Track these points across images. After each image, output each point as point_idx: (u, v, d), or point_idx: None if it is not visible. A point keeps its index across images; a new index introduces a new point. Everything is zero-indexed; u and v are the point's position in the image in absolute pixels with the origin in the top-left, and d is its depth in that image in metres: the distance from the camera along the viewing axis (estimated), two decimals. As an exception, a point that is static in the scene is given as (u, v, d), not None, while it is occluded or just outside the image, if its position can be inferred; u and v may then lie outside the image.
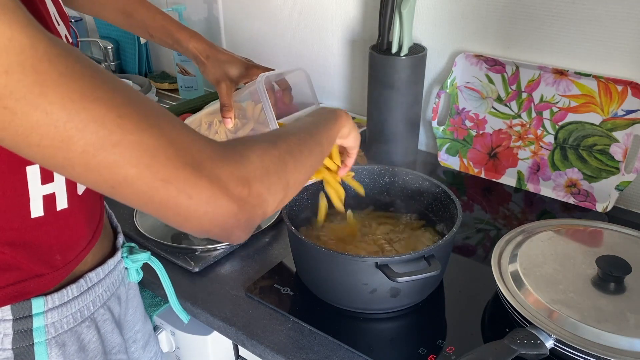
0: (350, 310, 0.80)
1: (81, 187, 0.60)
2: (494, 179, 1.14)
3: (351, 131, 0.72)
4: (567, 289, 0.73)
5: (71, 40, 0.60)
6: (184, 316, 0.80)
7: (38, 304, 0.57)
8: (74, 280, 0.62)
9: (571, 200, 1.06)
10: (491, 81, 1.10)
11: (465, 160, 1.17)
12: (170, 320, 0.89)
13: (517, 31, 1.06)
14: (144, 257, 0.73)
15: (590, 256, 0.77)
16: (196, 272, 0.88)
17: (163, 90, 1.63)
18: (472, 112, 1.14)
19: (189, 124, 0.93)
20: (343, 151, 0.78)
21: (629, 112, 0.97)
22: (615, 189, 1.00)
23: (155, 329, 0.91)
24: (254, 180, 0.48)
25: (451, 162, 1.19)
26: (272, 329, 0.77)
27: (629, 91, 0.96)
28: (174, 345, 0.91)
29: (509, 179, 1.13)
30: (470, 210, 1.06)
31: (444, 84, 1.14)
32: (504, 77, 1.08)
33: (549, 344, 0.67)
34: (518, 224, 0.89)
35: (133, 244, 0.74)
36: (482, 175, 1.16)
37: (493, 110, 1.12)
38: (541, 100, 1.05)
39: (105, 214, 0.72)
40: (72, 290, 0.61)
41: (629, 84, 0.95)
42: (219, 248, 0.92)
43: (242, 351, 0.90)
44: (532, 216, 1.05)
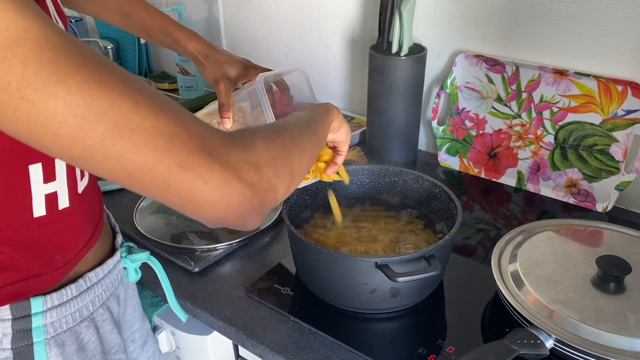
0: (350, 310, 0.80)
1: (81, 186, 0.60)
2: (494, 179, 1.14)
3: (342, 125, 0.73)
4: (567, 289, 0.73)
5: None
6: (182, 315, 0.80)
7: (37, 304, 0.57)
8: (73, 280, 0.62)
9: (571, 200, 1.06)
10: (491, 81, 1.10)
11: (465, 160, 1.17)
12: (170, 320, 0.89)
13: (517, 31, 1.06)
14: (143, 256, 0.73)
15: (590, 256, 0.77)
16: (196, 272, 0.88)
17: (163, 90, 1.63)
18: (472, 112, 1.14)
19: None
20: (333, 148, 0.79)
21: (629, 112, 0.97)
22: (615, 189, 1.00)
23: (155, 329, 0.91)
24: (263, 166, 0.49)
25: (451, 162, 1.19)
26: (272, 329, 0.77)
27: (629, 91, 0.96)
28: (174, 345, 0.91)
29: (509, 179, 1.13)
30: (470, 210, 1.06)
31: (444, 84, 1.14)
32: (504, 77, 1.08)
33: (549, 344, 0.67)
34: (518, 224, 0.89)
35: (132, 244, 0.74)
36: (482, 175, 1.16)
37: (493, 110, 1.12)
38: (541, 100, 1.05)
39: (104, 214, 0.72)
40: (71, 290, 0.61)
41: (629, 84, 0.95)
42: (218, 248, 0.92)
43: (242, 351, 0.90)
44: (532, 216, 1.05)
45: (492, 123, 1.12)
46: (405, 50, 1.09)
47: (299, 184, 0.60)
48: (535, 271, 0.76)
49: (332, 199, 0.88)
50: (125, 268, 0.73)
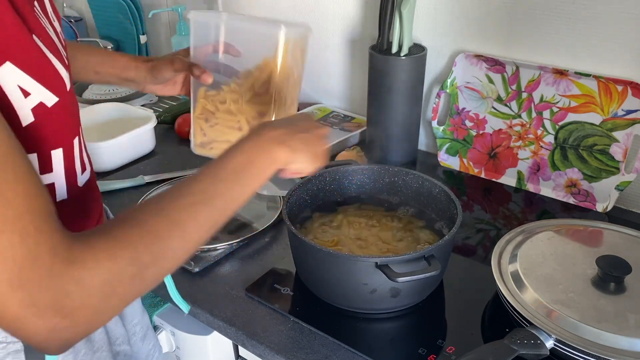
0: (351, 310, 0.80)
1: (82, 179, 0.60)
2: (494, 179, 1.14)
3: (295, 156, 0.61)
4: (567, 289, 0.73)
5: (63, 37, 0.59)
6: (184, 306, 0.80)
7: None
8: None
9: (571, 200, 1.06)
10: (491, 81, 1.10)
11: (465, 160, 1.17)
12: (170, 320, 0.89)
13: (517, 31, 1.06)
14: None
15: (590, 256, 0.77)
16: (196, 272, 0.88)
17: (163, 90, 1.63)
18: (472, 112, 1.14)
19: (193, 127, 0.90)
20: None
21: (629, 112, 0.97)
22: (615, 189, 1.00)
23: (155, 329, 0.91)
24: (80, 309, 0.43)
25: (451, 162, 1.19)
26: (272, 329, 0.77)
27: (629, 91, 0.96)
28: (174, 345, 0.91)
29: (509, 179, 1.13)
30: (470, 210, 1.06)
31: (444, 83, 1.14)
32: (504, 77, 1.08)
33: (549, 344, 0.67)
34: (518, 224, 0.89)
35: None
36: (482, 175, 1.16)
37: (493, 110, 1.12)
38: (541, 100, 1.05)
39: (104, 213, 0.72)
40: None
41: (629, 84, 0.95)
42: (218, 248, 0.92)
43: (242, 351, 0.90)
44: (532, 216, 1.05)
45: (492, 123, 1.12)
46: (405, 50, 1.09)
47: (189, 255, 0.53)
48: (535, 271, 0.76)
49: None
50: None
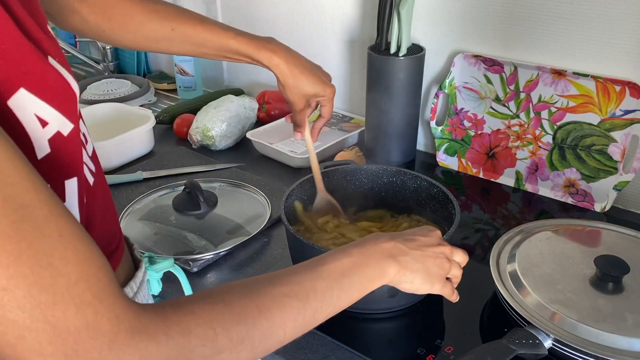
0: (349, 311, 0.79)
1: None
2: (492, 179, 1.14)
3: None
4: (565, 289, 0.73)
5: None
6: None
7: None
8: None
9: (569, 200, 1.06)
10: (489, 81, 1.10)
11: (463, 161, 1.18)
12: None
13: (516, 31, 1.06)
14: (167, 264, 0.70)
15: (589, 256, 0.77)
16: (195, 273, 0.88)
17: (161, 90, 1.63)
18: (471, 112, 1.14)
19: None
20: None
21: (627, 112, 0.97)
22: (613, 189, 1.00)
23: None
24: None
25: (449, 162, 1.19)
26: (271, 329, 0.77)
27: (627, 91, 0.96)
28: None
29: (507, 179, 1.13)
30: (469, 211, 1.06)
31: (443, 84, 1.14)
32: (502, 77, 1.08)
33: (548, 343, 0.67)
34: (516, 224, 0.89)
35: (152, 254, 0.72)
36: (481, 175, 1.16)
37: (491, 110, 1.12)
38: (539, 100, 1.05)
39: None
40: None
41: (627, 84, 0.95)
42: (217, 248, 0.92)
43: (241, 351, 0.90)
44: (531, 216, 1.05)
45: (491, 123, 1.12)
46: (403, 51, 1.09)
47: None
48: (533, 271, 0.76)
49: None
50: (147, 280, 0.71)
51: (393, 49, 1.10)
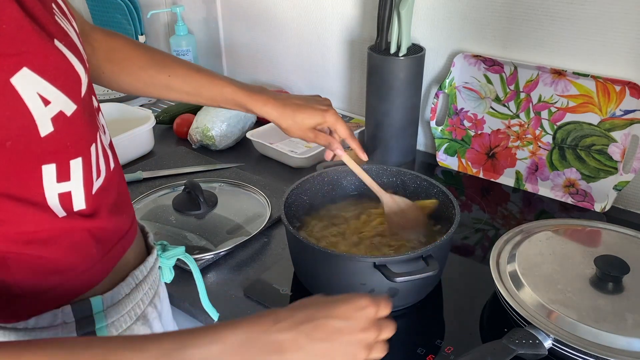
0: (349, 311, 0.79)
1: (95, 186, 0.58)
2: (492, 179, 1.14)
3: None
4: (565, 289, 0.73)
5: (76, 31, 0.57)
6: (214, 313, 0.79)
7: (97, 303, 0.57)
8: (122, 279, 0.62)
9: (569, 200, 1.06)
10: (489, 81, 1.10)
11: (463, 161, 1.17)
12: (168, 321, 0.89)
13: (516, 31, 1.06)
14: (178, 251, 0.72)
15: (589, 256, 0.77)
16: (195, 273, 0.88)
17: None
18: (471, 112, 1.14)
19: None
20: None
21: (627, 112, 0.97)
22: (613, 188, 1.00)
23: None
24: None
25: (449, 162, 1.19)
26: (271, 329, 0.77)
27: (627, 91, 0.96)
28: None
29: (507, 179, 1.13)
30: (469, 210, 1.06)
31: (443, 84, 1.14)
32: (502, 77, 1.08)
33: (548, 343, 0.67)
34: (516, 224, 0.89)
35: (165, 242, 0.74)
36: (481, 175, 1.16)
37: (491, 110, 1.12)
38: (539, 100, 1.05)
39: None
40: (123, 289, 0.61)
41: (627, 84, 0.95)
42: (217, 248, 0.92)
43: (241, 351, 0.90)
44: (531, 216, 1.05)
45: (491, 123, 1.12)
46: (403, 51, 1.09)
47: None
48: (533, 271, 0.76)
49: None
50: (160, 268, 0.73)
51: (393, 49, 1.10)
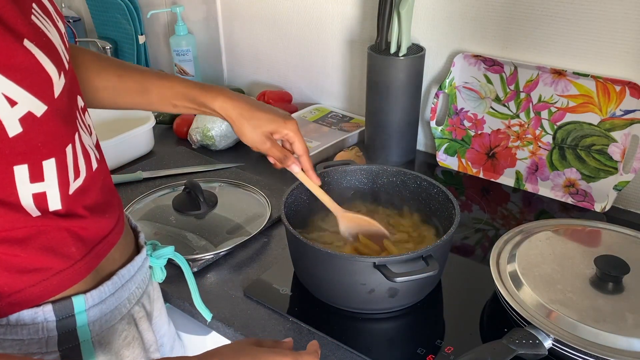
0: (349, 311, 0.80)
1: (73, 187, 0.58)
2: (492, 179, 1.14)
3: None
4: (565, 289, 0.73)
5: (65, 31, 0.57)
6: (206, 314, 0.79)
7: (79, 303, 0.57)
8: (108, 278, 0.62)
9: (569, 200, 1.06)
10: (489, 81, 1.10)
11: (463, 161, 1.17)
12: (168, 321, 0.89)
13: (516, 31, 1.06)
14: (168, 251, 0.73)
15: (589, 256, 0.77)
16: (195, 272, 0.88)
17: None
18: (471, 112, 1.14)
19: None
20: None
21: (627, 112, 0.97)
22: (613, 189, 1.00)
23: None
24: None
25: (449, 162, 1.19)
26: (271, 329, 0.77)
27: (627, 91, 0.96)
28: (172, 346, 0.91)
29: (507, 179, 1.13)
30: (469, 210, 1.06)
31: (443, 84, 1.14)
32: (502, 77, 1.08)
33: (548, 343, 0.67)
34: (516, 224, 0.89)
35: (156, 242, 0.74)
36: (481, 175, 1.16)
37: (491, 110, 1.12)
38: (539, 100, 1.05)
39: (124, 214, 0.70)
40: (107, 288, 0.61)
41: (627, 84, 0.95)
42: (217, 248, 0.92)
43: (241, 351, 0.90)
44: (531, 216, 1.05)
45: (491, 123, 1.12)
46: (403, 51, 1.09)
47: None
48: (533, 271, 0.76)
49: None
50: (151, 267, 0.73)
51: (393, 49, 1.10)
